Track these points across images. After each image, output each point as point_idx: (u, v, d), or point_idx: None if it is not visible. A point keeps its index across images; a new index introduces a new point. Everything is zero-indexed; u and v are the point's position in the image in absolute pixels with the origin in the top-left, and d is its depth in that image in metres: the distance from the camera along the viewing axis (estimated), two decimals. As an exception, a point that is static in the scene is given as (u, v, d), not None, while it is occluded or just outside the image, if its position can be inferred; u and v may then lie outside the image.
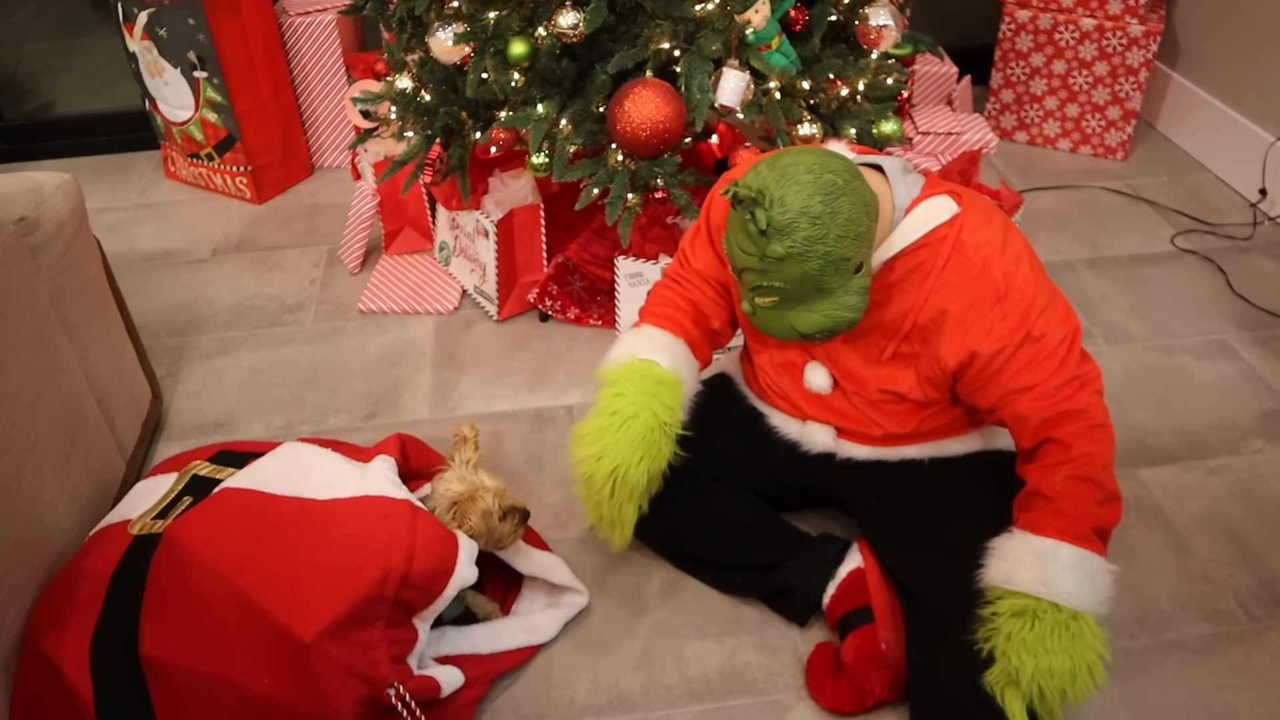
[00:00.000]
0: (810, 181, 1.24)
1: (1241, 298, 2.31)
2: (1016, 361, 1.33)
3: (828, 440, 1.56)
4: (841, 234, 1.25)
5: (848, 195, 1.25)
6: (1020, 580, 1.29)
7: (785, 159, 1.28)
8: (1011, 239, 1.36)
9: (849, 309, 1.31)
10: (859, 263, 1.29)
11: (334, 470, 1.45)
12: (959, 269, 1.34)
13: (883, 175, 1.39)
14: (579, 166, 1.87)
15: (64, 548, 1.53)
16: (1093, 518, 1.31)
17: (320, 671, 1.26)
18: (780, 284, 1.29)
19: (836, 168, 1.26)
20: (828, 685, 1.47)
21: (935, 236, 1.36)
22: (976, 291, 1.33)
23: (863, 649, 1.46)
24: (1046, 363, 1.32)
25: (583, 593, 1.61)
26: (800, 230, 1.23)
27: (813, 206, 1.23)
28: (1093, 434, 1.31)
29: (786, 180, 1.25)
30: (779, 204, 1.24)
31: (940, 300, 1.36)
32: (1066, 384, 1.32)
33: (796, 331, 1.34)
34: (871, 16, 1.93)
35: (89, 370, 1.71)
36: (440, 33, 1.86)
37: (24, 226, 1.53)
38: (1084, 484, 1.31)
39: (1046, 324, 1.32)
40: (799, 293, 1.30)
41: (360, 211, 2.43)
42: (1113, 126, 2.83)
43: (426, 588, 1.34)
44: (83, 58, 3.38)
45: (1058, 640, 1.26)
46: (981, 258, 1.33)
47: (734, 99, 1.77)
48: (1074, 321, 1.35)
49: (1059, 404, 1.32)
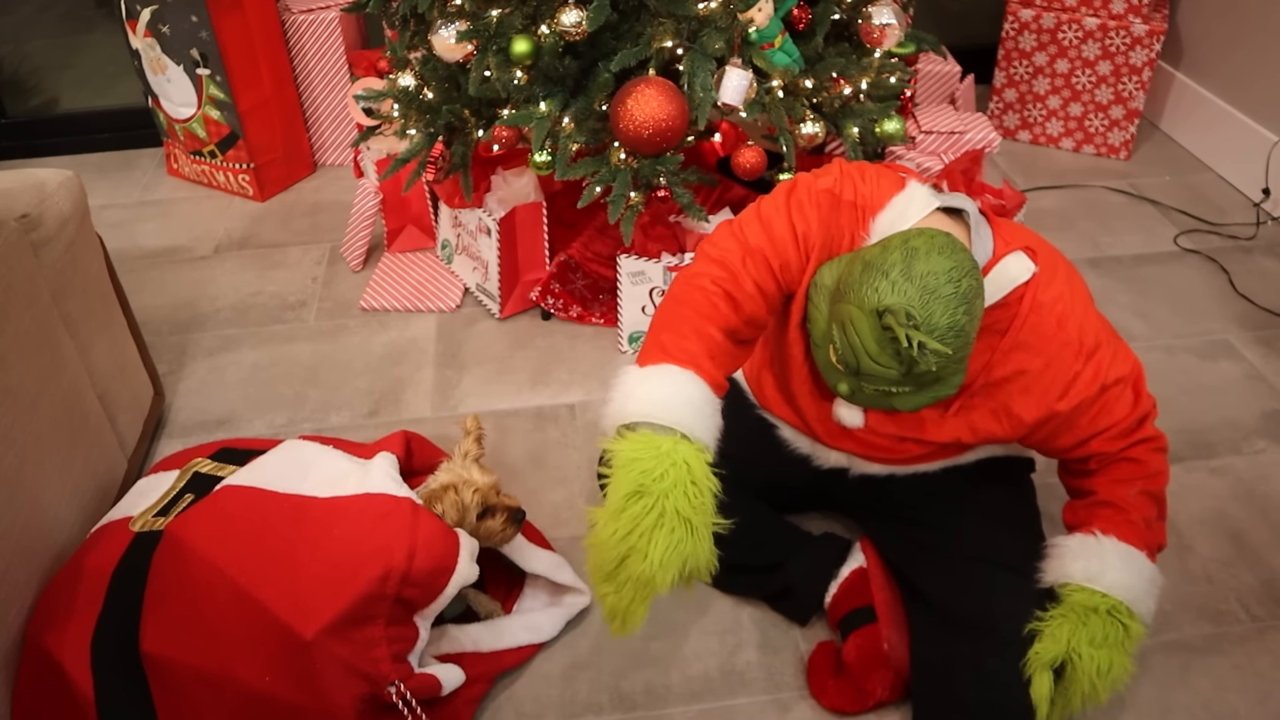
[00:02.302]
0: (953, 294, 1.16)
1: (1244, 297, 2.30)
2: (1093, 410, 1.33)
3: (841, 460, 1.53)
4: (975, 332, 1.20)
5: (980, 296, 1.19)
6: (1108, 581, 1.30)
7: (921, 265, 1.16)
8: (1077, 289, 1.34)
9: (953, 387, 1.26)
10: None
11: (335, 468, 1.46)
12: (1036, 329, 1.30)
13: (960, 222, 1.31)
14: (581, 165, 1.87)
15: (65, 545, 1.54)
16: (1156, 533, 1.36)
17: (321, 669, 1.26)
18: (909, 388, 1.22)
19: (969, 268, 1.18)
20: (829, 685, 1.47)
21: (1013, 297, 1.30)
22: (1055, 351, 1.30)
23: (865, 649, 1.46)
24: (1119, 405, 1.33)
25: (585, 592, 1.61)
26: (953, 346, 1.17)
27: (959, 320, 1.16)
28: (1161, 456, 1.36)
29: (932, 296, 1.15)
30: (926, 324, 1.15)
31: (1018, 360, 1.31)
32: (1138, 421, 1.34)
33: (894, 408, 1.27)
34: (875, 15, 1.93)
35: (91, 367, 1.71)
36: (443, 30, 1.86)
37: (26, 223, 1.53)
38: (1152, 500, 1.35)
39: (1118, 370, 1.32)
40: (917, 384, 1.23)
41: (363, 209, 2.43)
42: (1116, 126, 2.82)
43: (428, 586, 1.34)
44: (85, 54, 3.38)
45: (1116, 640, 1.28)
46: (1057, 315, 1.30)
47: (737, 97, 1.77)
48: (1134, 359, 1.35)
49: (1132, 436, 1.34)
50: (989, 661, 1.31)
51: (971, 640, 1.33)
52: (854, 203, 1.31)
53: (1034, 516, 1.51)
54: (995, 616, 1.33)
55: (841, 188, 1.32)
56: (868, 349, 1.19)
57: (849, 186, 1.32)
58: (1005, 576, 1.38)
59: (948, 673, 1.34)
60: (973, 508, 1.48)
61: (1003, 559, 1.40)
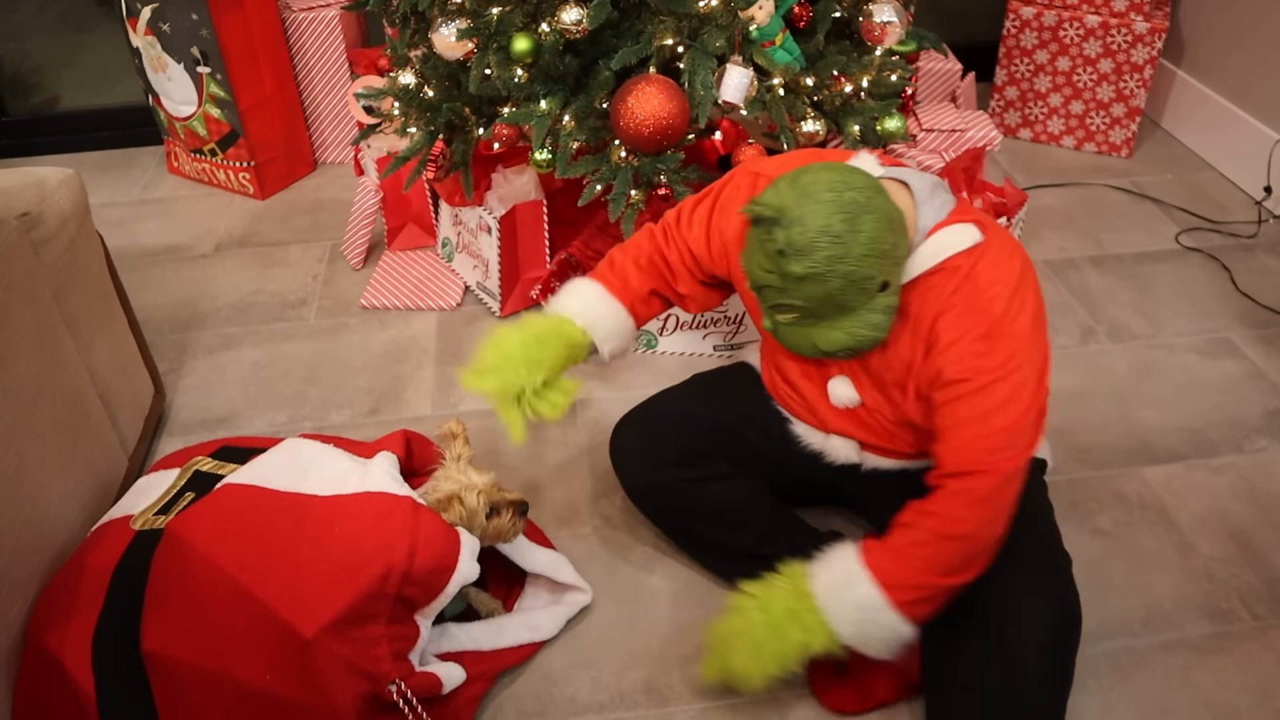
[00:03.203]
0: (831, 200, 1.21)
1: (1246, 296, 2.30)
2: (970, 402, 1.28)
3: (852, 454, 1.53)
4: (865, 253, 1.22)
5: (871, 213, 1.22)
6: (818, 581, 1.32)
7: (806, 176, 1.24)
8: (1027, 285, 1.30)
9: (872, 327, 1.29)
10: (884, 281, 1.27)
11: (336, 466, 1.45)
12: (965, 298, 1.29)
13: (910, 193, 1.35)
14: (582, 163, 1.87)
15: (66, 543, 1.54)
16: (926, 576, 1.29)
17: (321, 668, 1.26)
18: (801, 302, 1.27)
19: (859, 184, 1.23)
20: (831, 684, 1.47)
21: (950, 264, 1.31)
22: (972, 320, 1.29)
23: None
24: (994, 420, 1.26)
25: (586, 591, 1.61)
26: (821, 250, 1.21)
27: (834, 225, 1.21)
28: (977, 506, 1.27)
29: (807, 199, 1.22)
30: (799, 223, 1.21)
31: (940, 326, 1.31)
32: (997, 452, 1.27)
33: (818, 349, 1.32)
34: (875, 13, 1.92)
35: (91, 366, 1.71)
36: (443, 28, 1.86)
37: (27, 222, 1.53)
38: (943, 543, 1.28)
39: (1016, 385, 1.26)
40: (821, 310, 1.27)
41: (363, 207, 2.43)
42: (1117, 124, 2.82)
43: (428, 584, 1.34)
44: (86, 53, 3.38)
45: (778, 637, 1.32)
46: (991, 294, 1.28)
47: (737, 95, 1.77)
48: (1042, 399, 1.30)
49: (976, 463, 1.27)
50: (1004, 661, 1.30)
51: (987, 639, 1.32)
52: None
53: (1045, 514, 1.49)
54: (1010, 616, 1.32)
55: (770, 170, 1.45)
56: (755, 258, 1.26)
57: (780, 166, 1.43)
58: (1019, 574, 1.36)
59: (963, 673, 1.33)
60: None
61: (1016, 557, 1.38)
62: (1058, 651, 1.31)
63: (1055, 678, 1.31)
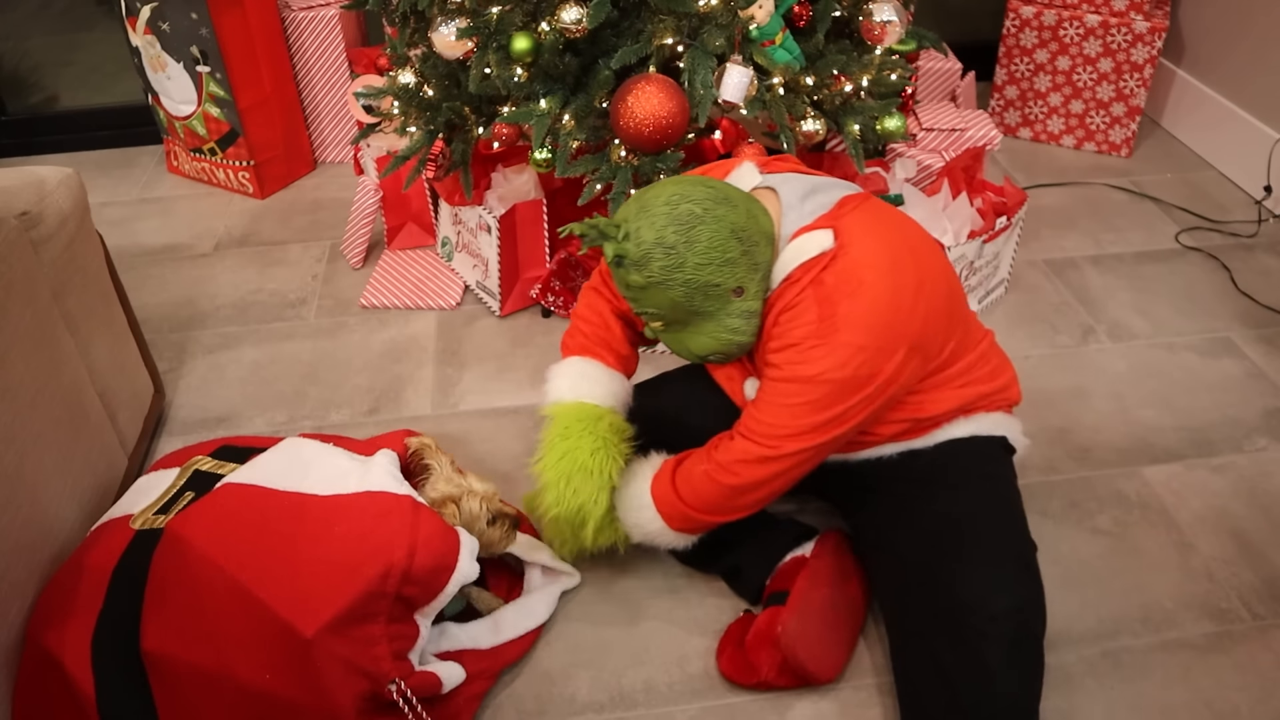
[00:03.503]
0: (665, 212, 1.30)
1: (1246, 295, 2.30)
2: (775, 387, 1.34)
3: None
4: (701, 261, 1.30)
5: (707, 223, 1.30)
6: (619, 494, 1.49)
7: (649, 192, 1.33)
8: (871, 300, 1.29)
9: (732, 331, 1.37)
10: (735, 287, 1.34)
11: (336, 466, 1.45)
12: (806, 300, 1.33)
13: (779, 200, 1.40)
14: (582, 162, 1.87)
15: (66, 542, 1.53)
16: (695, 511, 1.44)
17: (321, 667, 1.26)
18: (653, 310, 1.37)
19: (697, 197, 1.31)
20: (728, 650, 1.52)
21: (800, 271, 1.34)
22: (799, 323, 1.33)
23: (762, 627, 1.48)
24: (784, 410, 1.33)
25: (574, 574, 1.63)
26: (655, 260, 1.30)
27: (666, 237, 1.29)
28: (750, 467, 1.37)
29: (644, 213, 1.31)
30: (635, 236, 1.31)
31: (777, 324, 1.36)
32: (776, 438, 1.34)
33: (693, 354, 1.42)
34: (875, 12, 1.92)
35: (91, 365, 1.71)
36: (443, 28, 1.86)
37: (26, 221, 1.53)
38: (714, 487, 1.41)
39: (821, 396, 1.31)
40: (678, 317, 1.37)
41: (363, 207, 2.43)
42: (1117, 123, 2.82)
43: (428, 584, 1.34)
44: (85, 52, 3.38)
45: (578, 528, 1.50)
46: (825, 303, 1.31)
47: (737, 95, 1.77)
48: (851, 422, 1.34)
49: (761, 435, 1.35)
50: (967, 650, 1.30)
51: (949, 629, 1.33)
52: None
53: (1008, 498, 1.47)
54: (968, 604, 1.32)
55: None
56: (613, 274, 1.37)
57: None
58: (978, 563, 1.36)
59: (929, 663, 1.34)
60: (939, 490, 1.45)
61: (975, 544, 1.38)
62: (1020, 637, 1.31)
63: (1021, 663, 1.31)
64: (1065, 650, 1.54)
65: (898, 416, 1.44)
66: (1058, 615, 1.59)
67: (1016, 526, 1.43)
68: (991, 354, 1.51)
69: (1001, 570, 1.36)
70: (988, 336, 1.52)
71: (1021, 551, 1.40)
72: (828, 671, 1.47)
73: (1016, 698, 1.30)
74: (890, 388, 1.34)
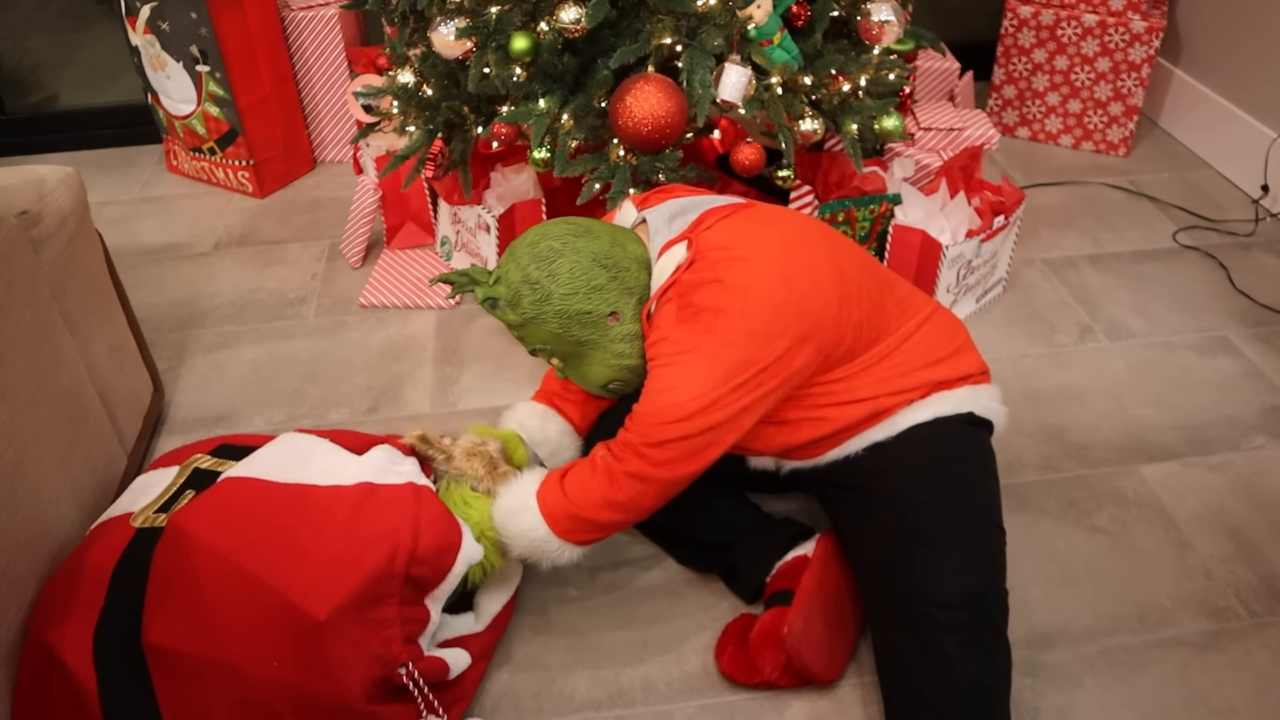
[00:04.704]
0: (528, 252, 1.40)
1: (1243, 294, 2.31)
2: (651, 375, 1.36)
3: (767, 462, 1.56)
4: (567, 292, 1.39)
5: (566, 255, 1.39)
6: (497, 505, 1.44)
7: (517, 240, 1.44)
8: (729, 297, 1.32)
9: (619, 356, 1.44)
10: (609, 312, 1.41)
11: (334, 457, 1.46)
12: (670, 301, 1.37)
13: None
14: (580, 161, 1.87)
15: (65, 540, 1.54)
16: (584, 511, 1.38)
17: (333, 651, 1.27)
18: (540, 345, 1.45)
19: (555, 234, 1.41)
20: (729, 650, 1.51)
21: (665, 287, 1.39)
22: (666, 316, 1.36)
23: (767, 626, 1.48)
24: (655, 399, 1.33)
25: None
26: (524, 297, 1.40)
27: (530, 273, 1.39)
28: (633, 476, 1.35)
29: (510, 257, 1.42)
30: (504, 279, 1.41)
31: (654, 325, 1.39)
32: (653, 427, 1.33)
33: (594, 385, 1.48)
34: (874, 12, 1.93)
35: (91, 364, 1.71)
36: (442, 27, 1.86)
37: (26, 220, 1.53)
38: (600, 491, 1.37)
39: (682, 376, 1.32)
40: (566, 349, 1.44)
41: (362, 206, 2.43)
42: (1115, 122, 2.83)
43: (435, 563, 1.36)
44: (85, 51, 3.38)
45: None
46: (691, 292, 1.35)
47: (736, 94, 1.77)
48: (717, 416, 1.32)
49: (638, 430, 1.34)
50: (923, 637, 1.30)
51: (905, 617, 1.33)
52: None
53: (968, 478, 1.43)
54: (923, 590, 1.32)
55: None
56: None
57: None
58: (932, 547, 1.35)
59: (893, 653, 1.35)
60: (899, 479, 1.43)
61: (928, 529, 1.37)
62: (979, 624, 1.30)
63: (982, 650, 1.30)
64: (1062, 648, 1.54)
65: (826, 402, 1.42)
66: (1055, 613, 1.59)
67: (979, 511, 1.39)
68: (932, 330, 1.47)
69: (958, 557, 1.33)
70: (925, 313, 1.48)
71: (982, 537, 1.37)
72: (831, 672, 1.47)
73: (980, 686, 1.28)
74: (773, 375, 1.34)
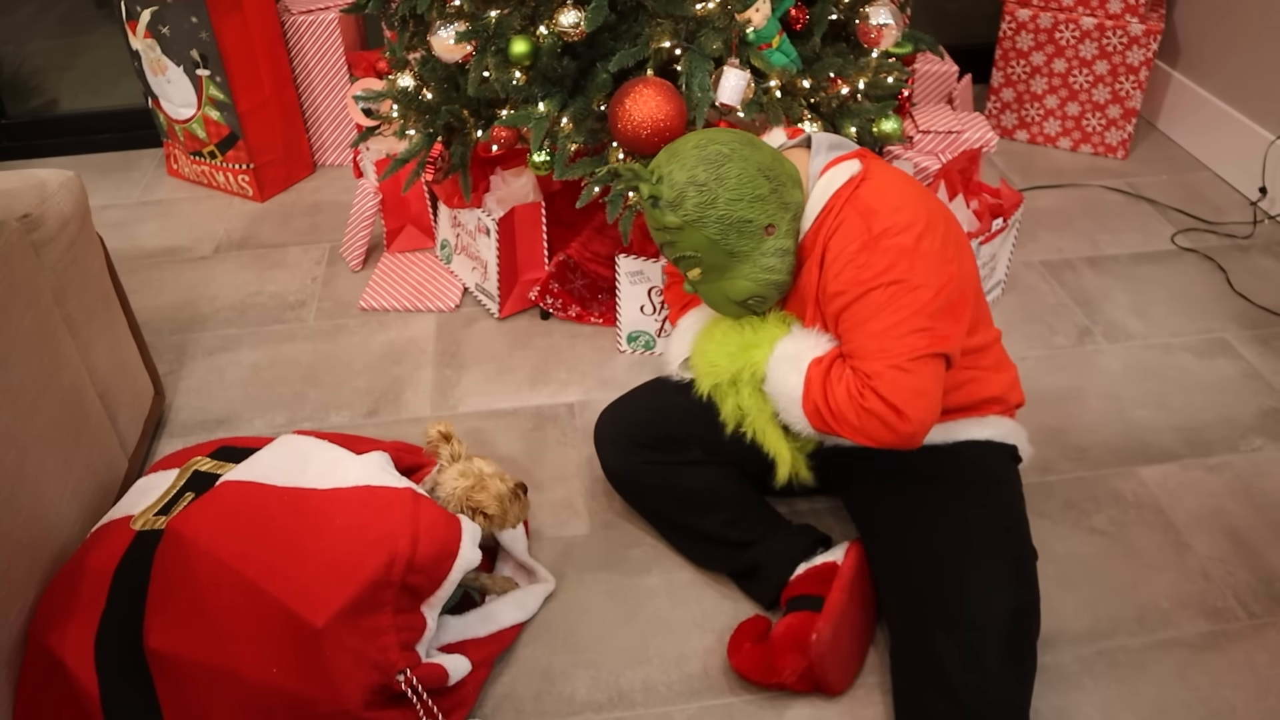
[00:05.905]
0: (695, 154, 1.36)
1: (1241, 296, 2.31)
2: (852, 311, 1.35)
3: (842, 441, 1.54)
4: (733, 197, 1.35)
5: (735, 161, 1.35)
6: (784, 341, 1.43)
7: (679, 141, 1.39)
8: (915, 208, 1.35)
9: (768, 270, 1.40)
10: (767, 224, 1.38)
11: (332, 460, 1.47)
12: (846, 218, 1.37)
13: (808, 148, 1.45)
14: (580, 164, 1.87)
15: (66, 543, 1.54)
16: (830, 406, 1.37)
17: (331, 658, 1.27)
18: (691, 253, 1.39)
19: (723, 139, 1.37)
20: (744, 647, 1.50)
21: (836, 197, 1.39)
22: (850, 237, 1.36)
23: (794, 629, 1.46)
24: (872, 325, 1.33)
25: (550, 580, 1.65)
26: (689, 198, 1.35)
27: (698, 175, 1.34)
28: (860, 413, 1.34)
29: (674, 157, 1.37)
30: (667, 178, 1.36)
31: (827, 247, 1.39)
32: (877, 356, 1.32)
33: (732, 301, 1.43)
34: (872, 15, 1.93)
35: (91, 367, 1.71)
36: (442, 31, 1.86)
37: (27, 223, 1.53)
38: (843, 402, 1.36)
39: (894, 294, 1.31)
40: (714, 260, 1.39)
41: (362, 209, 2.44)
42: (1113, 125, 2.83)
43: (432, 572, 1.36)
44: (86, 56, 3.39)
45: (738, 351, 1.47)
46: (869, 213, 1.35)
47: (735, 97, 1.77)
48: (934, 314, 1.32)
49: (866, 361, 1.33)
50: (962, 648, 1.31)
51: (944, 627, 1.34)
52: None
53: (1009, 503, 1.49)
54: (965, 603, 1.34)
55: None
56: (646, 218, 1.41)
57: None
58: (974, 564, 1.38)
59: (923, 662, 1.35)
60: (951, 490, 1.47)
61: (972, 546, 1.40)
62: (1015, 637, 1.33)
63: (1016, 663, 1.32)
64: (1062, 649, 1.55)
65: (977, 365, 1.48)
66: (1054, 615, 1.60)
67: (1021, 533, 1.46)
68: (1000, 350, 1.55)
69: (1004, 573, 1.38)
70: (997, 331, 1.55)
71: (1024, 557, 1.42)
72: (844, 684, 1.48)
73: (1010, 696, 1.31)
74: (963, 287, 1.36)
